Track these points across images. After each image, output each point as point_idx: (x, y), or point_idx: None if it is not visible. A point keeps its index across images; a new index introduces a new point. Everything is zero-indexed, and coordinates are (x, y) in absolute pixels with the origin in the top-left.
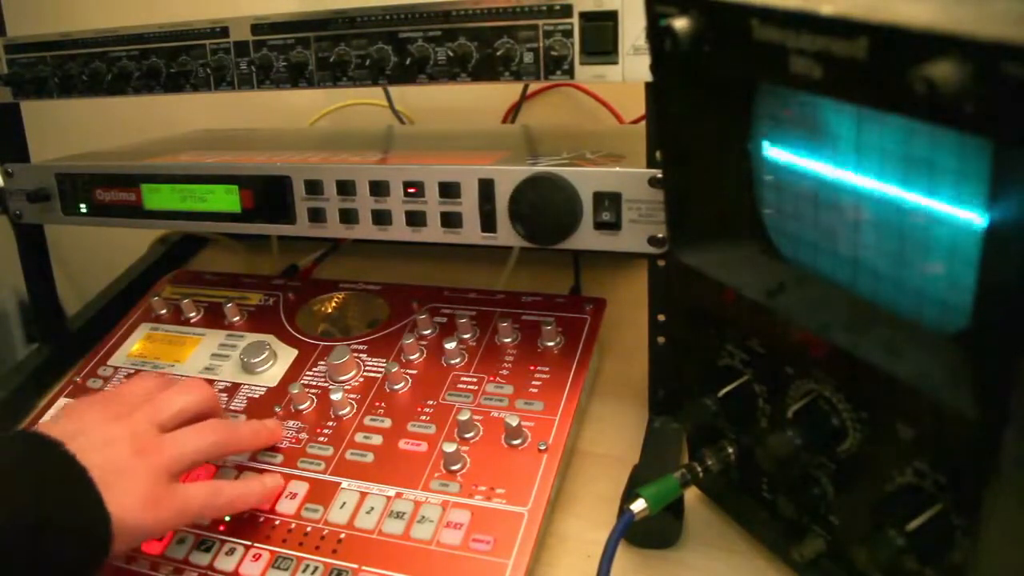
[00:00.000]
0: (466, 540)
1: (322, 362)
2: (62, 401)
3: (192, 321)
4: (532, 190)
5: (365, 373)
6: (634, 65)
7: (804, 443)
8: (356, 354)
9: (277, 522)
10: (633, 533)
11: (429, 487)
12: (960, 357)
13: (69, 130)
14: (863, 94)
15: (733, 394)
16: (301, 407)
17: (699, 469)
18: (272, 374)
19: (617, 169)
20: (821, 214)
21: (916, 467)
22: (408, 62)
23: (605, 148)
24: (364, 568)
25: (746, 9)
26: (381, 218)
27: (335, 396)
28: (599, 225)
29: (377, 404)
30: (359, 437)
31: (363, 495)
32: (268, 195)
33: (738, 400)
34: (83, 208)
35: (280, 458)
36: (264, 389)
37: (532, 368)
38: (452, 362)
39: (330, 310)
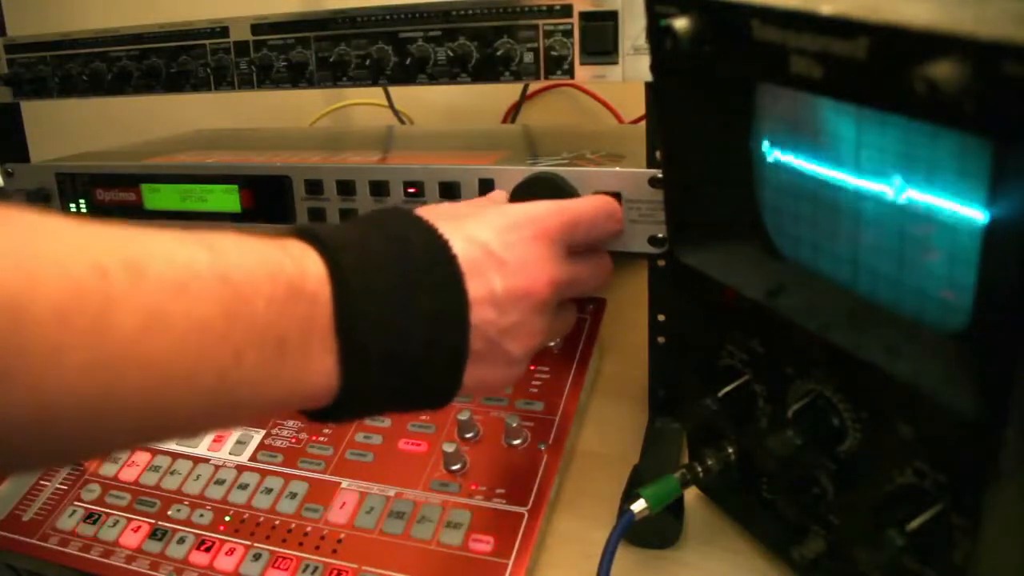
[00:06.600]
0: (466, 540)
1: None
2: None
3: None
4: (532, 190)
5: None
6: (634, 65)
7: (804, 443)
8: None
9: (277, 522)
10: (633, 533)
11: (429, 487)
12: (960, 357)
13: (69, 130)
14: (863, 94)
15: (733, 394)
16: None
17: (699, 469)
18: None
19: (617, 169)
20: (821, 214)
21: (916, 467)
22: (408, 62)
23: (605, 148)
24: (364, 568)
25: (746, 9)
26: None
27: None
28: None
29: None
30: (359, 437)
31: (363, 495)
32: (268, 195)
33: (738, 400)
34: (83, 208)
35: (280, 458)
36: None
37: (532, 368)
38: None
39: None
